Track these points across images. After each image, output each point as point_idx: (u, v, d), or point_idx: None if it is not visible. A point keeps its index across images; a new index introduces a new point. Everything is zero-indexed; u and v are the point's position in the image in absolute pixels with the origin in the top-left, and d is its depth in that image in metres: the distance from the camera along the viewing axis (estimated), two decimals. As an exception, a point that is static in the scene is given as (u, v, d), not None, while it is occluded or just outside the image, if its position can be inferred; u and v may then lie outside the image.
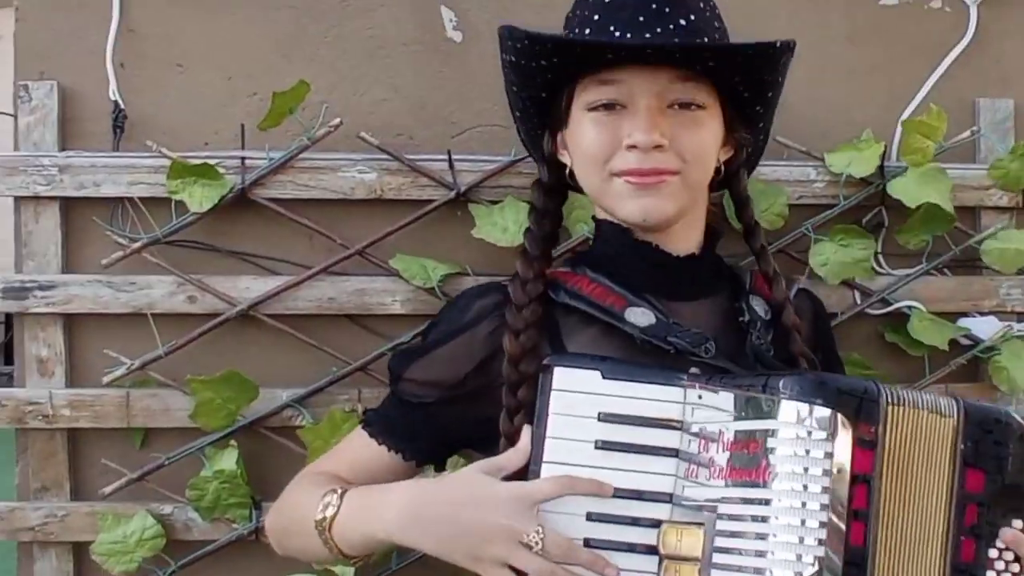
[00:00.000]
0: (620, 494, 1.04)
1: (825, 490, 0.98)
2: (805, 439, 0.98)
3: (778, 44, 1.14)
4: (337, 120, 1.57)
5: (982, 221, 1.68)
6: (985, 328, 1.67)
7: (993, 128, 1.69)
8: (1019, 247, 1.64)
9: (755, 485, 0.99)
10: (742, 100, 1.21)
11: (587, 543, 1.03)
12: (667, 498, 1.05)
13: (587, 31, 1.14)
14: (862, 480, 0.99)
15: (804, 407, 0.99)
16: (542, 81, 1.19)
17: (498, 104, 1.59)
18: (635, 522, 1.04)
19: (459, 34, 1.64)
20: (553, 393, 1.07)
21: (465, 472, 1.10)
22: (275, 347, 1.61)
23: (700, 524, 1.02)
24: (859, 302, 1.66)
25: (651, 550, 1.04)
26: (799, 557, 0.97)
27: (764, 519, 0.98)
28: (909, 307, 1.66)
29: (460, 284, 1.58)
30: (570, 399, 1.06)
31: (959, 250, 1.67)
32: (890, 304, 1.66)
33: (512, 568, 1.02)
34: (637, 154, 1.13)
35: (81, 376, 1.61)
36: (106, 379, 1.57)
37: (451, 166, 1.59)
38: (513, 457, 1.08)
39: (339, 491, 1.15)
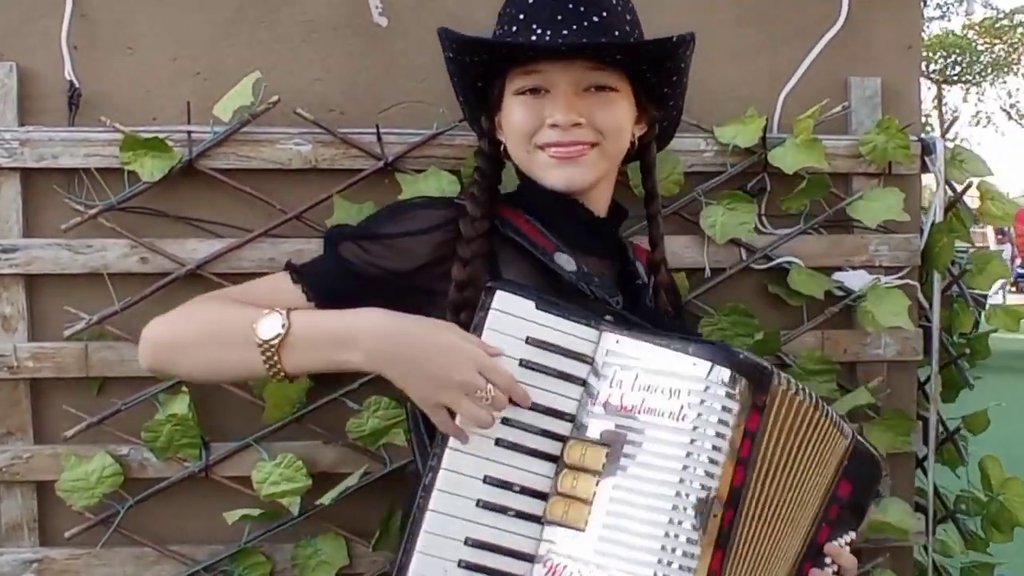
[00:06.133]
0: (532, 407, 1.18)
1: (720, 435, 1.15)
2: (711, 394, 1.15)
3: (673, 39, 1.30)
4: (275, 97, 1.68)
5: (853, 186, 1.86)
6: (856, 280, 1.85)
7: (862, 104, 1.87)
8: (881, 203, 1.82)
9: (660, 426, 1.15)
10: (650, 83, 1.37)
11: (498, 442, 1.17)
12: (570, 418, 1.19)
13: (514, 28, 1.30)
14: (750, 435, 1.17)
15: (715, 368, 1.15)
16: (477, 72, 1.36)
17: (421, 82, 1.75)
18: (542, 432, 1.18)
19: (385, 20, 1.76)
20: (491, 311, 1.17)
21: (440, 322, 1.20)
22: (221, 304, 1.73)
23: (606, 445, 1.17)
24: (744, 258, 1.83)
25: (551, 458, 1.18)
26: (688, 481, 1.14)
27: (663, 453, 1.15)
28: (789, 262, 1.83)
29: (388, 244, 1.72)
30: (505, 320, 1.18)
31: (832, 212, 1.85)
32: (772, 260, 1.84)
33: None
34: (558, 131, 1.29)
35: (43, 331, 1.72)
36: (66, 333, 1.69)
37: (379, 139, 1.72)
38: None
39: (283, 312, 1.20)
